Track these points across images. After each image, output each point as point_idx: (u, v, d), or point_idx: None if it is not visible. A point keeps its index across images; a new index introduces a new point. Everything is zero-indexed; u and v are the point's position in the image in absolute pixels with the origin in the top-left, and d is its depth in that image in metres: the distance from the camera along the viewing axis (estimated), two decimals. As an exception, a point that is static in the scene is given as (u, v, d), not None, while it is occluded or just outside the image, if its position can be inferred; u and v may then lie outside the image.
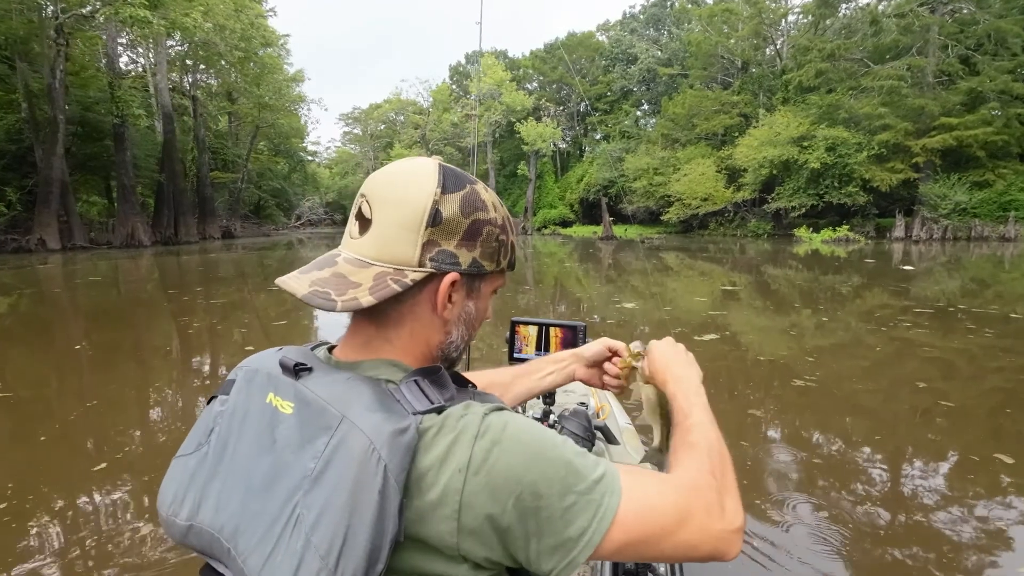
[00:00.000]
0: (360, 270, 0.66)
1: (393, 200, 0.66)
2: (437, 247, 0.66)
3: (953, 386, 4.68)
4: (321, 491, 0.56)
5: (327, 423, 0.59)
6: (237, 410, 0.68)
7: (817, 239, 27.58)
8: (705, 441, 0.75)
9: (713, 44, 39.47)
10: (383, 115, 67.34)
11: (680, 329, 6.28)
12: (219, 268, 16.82)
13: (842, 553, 2.38)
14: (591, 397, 2.02)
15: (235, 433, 0.67)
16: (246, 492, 0.62)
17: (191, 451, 0.70)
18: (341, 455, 0.57)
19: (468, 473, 0.57)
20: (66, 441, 3.64)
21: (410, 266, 0.66)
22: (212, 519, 0.64)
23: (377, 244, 0.66)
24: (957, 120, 26.19)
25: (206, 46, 30.91)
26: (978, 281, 11.75)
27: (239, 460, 0.65)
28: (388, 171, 0.69)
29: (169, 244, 29.15)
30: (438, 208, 0.66)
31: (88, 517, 2.71)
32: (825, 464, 3.27)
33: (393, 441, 0.56)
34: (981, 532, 2.54)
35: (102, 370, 5.46)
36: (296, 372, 0.65)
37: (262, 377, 0.68)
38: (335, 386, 0.63)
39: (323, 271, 0.67)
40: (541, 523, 0.58)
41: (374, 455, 0.55)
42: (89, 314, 8.83)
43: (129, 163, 26.54)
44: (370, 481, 0.55)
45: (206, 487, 0.66)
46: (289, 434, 0.62)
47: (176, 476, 0.69)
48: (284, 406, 0.64)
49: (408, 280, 0.65)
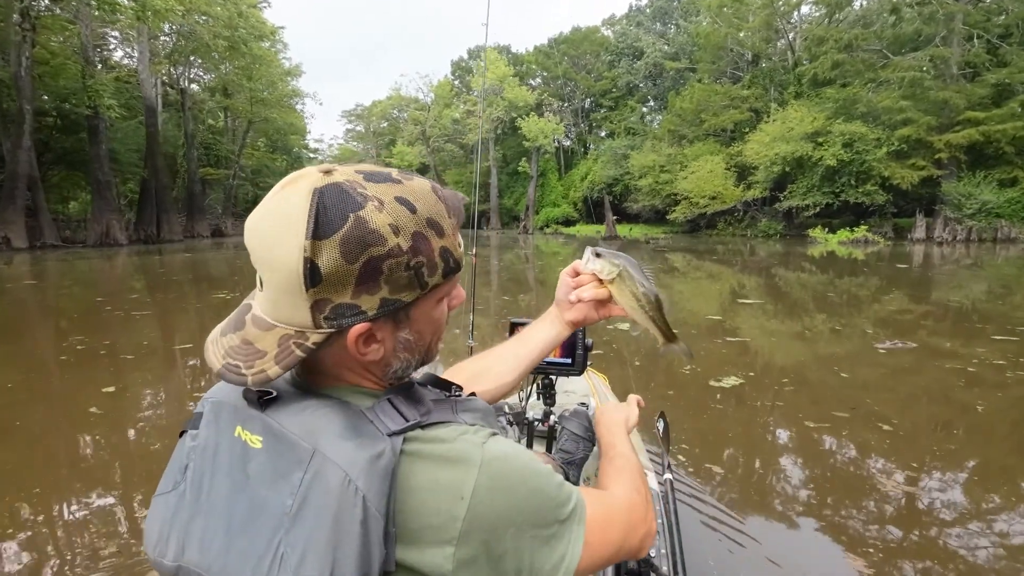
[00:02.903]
0: (265, 334, 0.61)
1: (266, 262, 0.60)
2: (329, 304, 0.59)
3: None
4: (302, 528, 0.55)
5: (299, 457, 0.58)
6: (208, 445, 0.66)
7: (833, 240, 25.95)
8: (629, 465, 0.89)
9: (722, 36, 37.77)
10: (384, 112, 66.08)
11: (689, 369, 4.79)
12: (182, 270, 15.47)
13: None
14: (591, 397, 1.99)
15: (208, 470, 0.65)
16: (228, 531, 0.61)
17: (169, 489, 0.67)
18: (317, 490, 0.56)
19: (472, 502, 0.58)
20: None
21: (308, 328, 0.60)
22: (199, 560, 0.62)
23: (271, 305, 0.61)
24: (984, 114, 24.53)
25: (192, 36, 29.69)
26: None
27: (216, 498, 0.63)
28: (258, 216, 0.61)
29: (149, 243, 27.81)
30: (313, 263, 0.56)
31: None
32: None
33: (370, 469, 0.55)
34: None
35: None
36: (261, 403, 0.62)
37: (228, 409, 0.66)
38: (303, 415, 0.61)
39: (235, 335, 0.63)
40: (533, 554, 0.62)
41: (351, 487, 0.54)
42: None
43: (104, 157, 25.19)
44: (349, 513, 0.54)
45: (188, 526, 0.64)
46: (261, 470, 0.60)
47: (158, 515, 0.67)
48: (253, 440, 0.62)
49: (310, 344, 0.60)
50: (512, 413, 1.60)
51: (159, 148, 30.68)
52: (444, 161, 62.99)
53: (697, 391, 4.22)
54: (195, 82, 40.25)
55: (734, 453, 3.28)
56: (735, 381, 4.41)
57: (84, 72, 23.11)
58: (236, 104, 39.72)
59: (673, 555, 1.41)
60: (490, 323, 7.45)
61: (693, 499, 2.69)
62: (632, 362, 5.16)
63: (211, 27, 27.35)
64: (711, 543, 2.37)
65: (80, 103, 23.31)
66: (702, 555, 2.26)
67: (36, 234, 22.59)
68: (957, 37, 26.31)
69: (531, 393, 1.66)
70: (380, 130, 70.33)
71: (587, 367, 1.45)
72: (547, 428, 1.55)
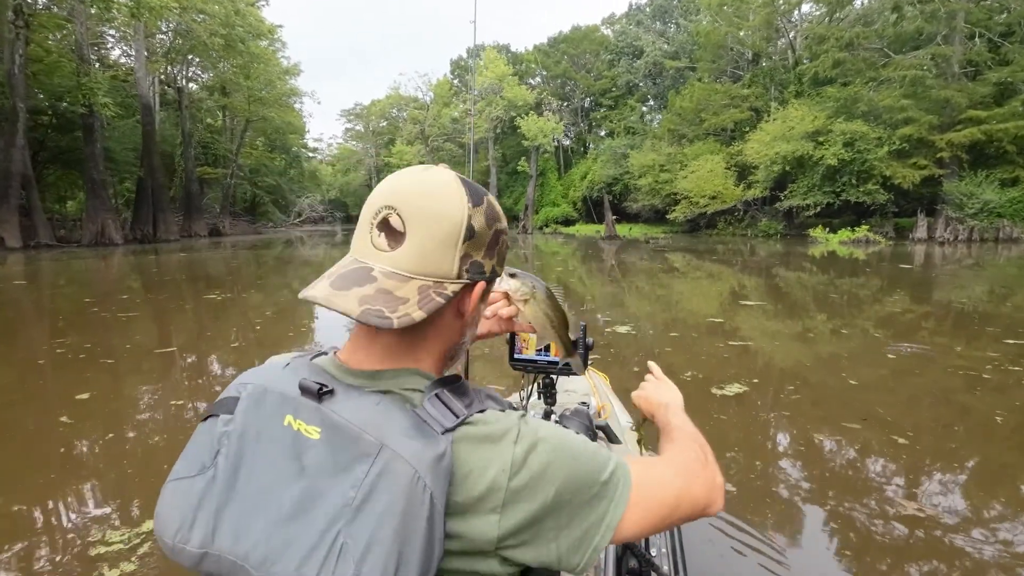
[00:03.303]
0: (403, 284, 0.66)
1: (431, 215, 0.67)
2: (471, 259, 0.70)
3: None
4: (366, 520, 0.57)
5: (364, 450, 0.59)
6: (247, 431, 0.66)
7: (834, 240, 25.75)
8: (684, 434, 0.90)
9: (722, 35, 37.54)
10: (383, 111, 65.86)
11: (691, 373, 4.60)
12: (175, 271, 15.27)
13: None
14: (592, 397, 2.00)
15: (248, 456, 0.64)
16: (273, 519, 0.60)
17: (193, 473, 0.66)
18: (385, 484, 0.57)
19: (511, 472, 0.62)
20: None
21: (449, 278, 0.69)
22: (232, 546, 0.61)
23: (416, 258, 0.67)
24: (986, 113, 24.31)
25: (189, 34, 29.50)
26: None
27: (258, 485, 0.63)
28: (415, 182, 0.70)
29: (145, 242, 27.59)
30: (471, 222, 0.69)
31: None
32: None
33: (435, 468, 0.59)
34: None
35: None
36: (319, 395, 0.64)
37: (274, 397, 0.67)
38: (365, 411, 0.63)
39: (365, 287, 0.66)
40: (572, 514, 0.65)
41: (419, 483, 0.57)
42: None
43: (99, 156, 24.94)
44: (418, 509, 0.57)
45: (221, 512, 0.63)
46: (320, 460, 0.61)
47: (179, 500, 0.65)
48: (309, 431, 0.63)
49: (449, 292, 0.68)
50: None
51: (155, 147, 30.46)
52: (443, 160, 62.44)
53: (699, 400, 4.02)
54: (193, 81, 40.07)
55: (738, 464, 3.08)
56: (738, 388, 4.21)
57: (78, 70, 22.86)
58: (234, 103, 39.52)
59: (673, 554, 1.41)
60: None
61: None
62: (632, 360, 4.97)
63: (207, 25, 27.10)
64: (712, 542, 2.36)
65: (75, 101, 23.07)
66: (703, 554, 2.27)
67: (30, 233, 22.37)
68: (959, 35, 26.09)
69: (532, 392, 1.65)
70: (379, 129, 70.09)
71: (588, 366, 1.46)
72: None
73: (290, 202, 58.29)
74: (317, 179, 71.30)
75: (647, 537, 1.47)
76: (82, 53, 23.37)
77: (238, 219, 44.40)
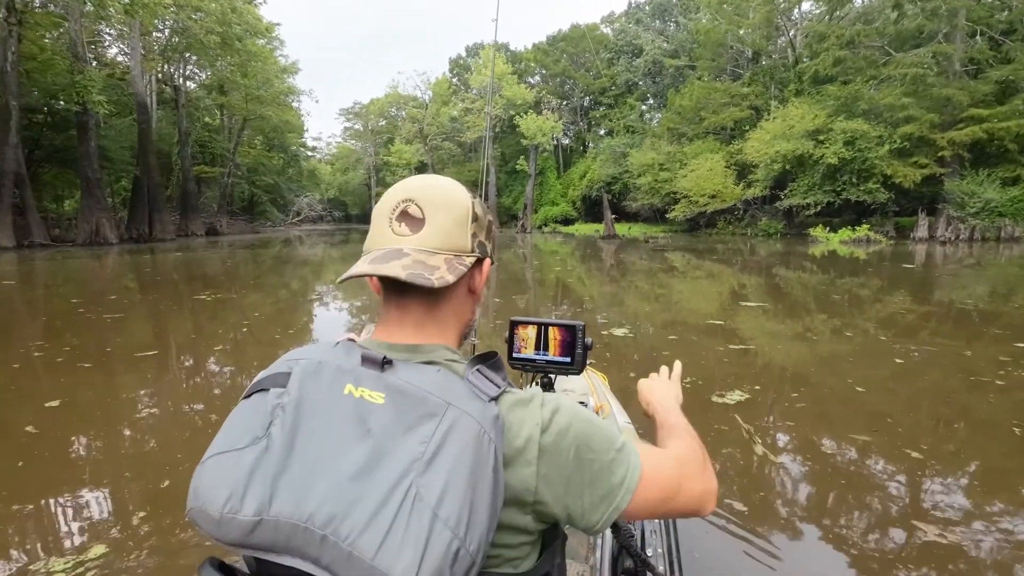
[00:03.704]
0: (431, 256, 0.77)
1: (446, 203, 0.80)
2: (477, 238, 0.83)
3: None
4: (439, 471, 0.61)
5: (430, 410, 0.65)
6: (304, 401, 0.68)
7: (834, 239, 25.55)
8: (683, 431, 0.94)
9: (722, 33, 37.32)
10: (382, 110, 65.58)
11: (690, 379, 4.40)
12: (168, 270, 15.08)
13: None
14: (590, 396, 2.03)
15: (306, 424, 0.67)
16: (337, 480, 0.63)
17: (244, 445, 0.67)
18: (455, 437, 0.64)
19: (542, 428, 0.71)
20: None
21: (465, 252, 0.80)
22: (294, 510, 0.62)
23: (438, 237, 0.78)
24: (987, 111, 24.10)
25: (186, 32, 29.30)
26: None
27: (317, 450, 0.65)
28: (424, 180, 0.82)
29: (140, 242, 27.36)
30: (475, 209, 0.82)
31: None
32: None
33: (495, 425, 0.67)
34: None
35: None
36: (383, 364, 0.71)
37: (330, 369, 0.71)
38: (427, 377, 0.70)
39: (403, 259, 0.75)
40: (594, 473, 0.72)
41: (485, 437, 0.65)
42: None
43: (93, 154, 24.71)
44: (486, 459, 0.64)
45: (276, 480, 0.64)
46: (385, 422, 0.65)
47: (227, 473, 0.65)
48: (374, 396, 0.67)
49: (467, 262, 0.80)
50: None
51: (151, 145, 30.24)
52: (442, 159, 62.54)
53: (699, 409, 3.83)
54: (191, 79, 39.85)
55: (739, 479, 2.89)
56: (740, 396, 4.00)
57: (72, 68, 22.63)
58: (231, 101, 39.29)
59: (669, 554, 1.42)
60: (488, 323, 7.17)
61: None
62: (629, 364, 4.78)
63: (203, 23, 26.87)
64: (709, 543, 2.36)
65: (69, 99, 22.84)
66: (699, 555, 2.26)
67: (24, 233, 22.15)
68: (960, 33, 25.87)
69: None
70: (378, 128, 69.82)
71: (586, 366, 1.47)
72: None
73: (289, 201, 58.06)
74: (316, 178, 71.04)
75: (643, 533, 1.48)
76: (76, 51, 23.14)
77: (236, 218, 44.17)
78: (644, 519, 0.99)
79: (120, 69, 32.99)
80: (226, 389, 4.58)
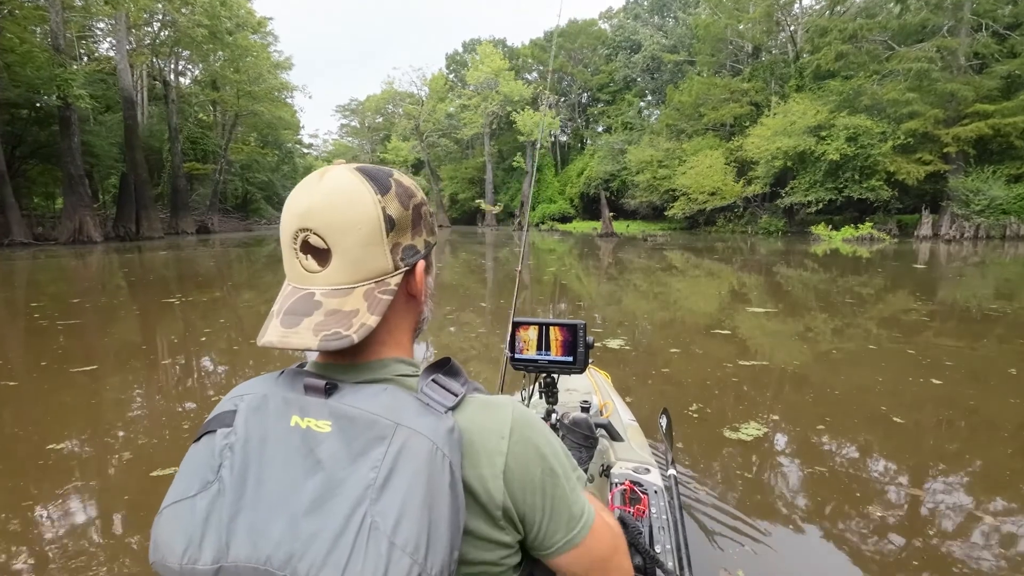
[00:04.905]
0: (347, 297, 0.68)
1: (346, 224, 0.67)
2: (400, 246, 0.72)
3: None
4: (393, 496, 0.59)
5: (379, 433, 0.62)
6: (251, 439, 0.65)
7: (837, 237, 25.01)
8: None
9: (722, 28, 36.68)
10: (378, 106, 64.88)
11: (696, 407, 3.81)
12: (147, 271, 14.50)
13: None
14: (593, 395, 2.03)
15: (255, 462, 0.64)
16: (292, 517, 0.60)
17: (194, 492, 0.64)
18: (407, 458, 0.60)
19: (510, 440, 0.68)
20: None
21: (388, 273, 0.71)
22: (251, 553, 0.60)
23: (349, 269, 0.69)
24: (993, 107, 23.54)
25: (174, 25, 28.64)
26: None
27: (271, 488, 0.62)
28: (318, 197, 0.68)
29: (126, 240, 26.72)
30: (387, 212, 0.69)
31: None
32: None
33: (449, 439, 0.63)
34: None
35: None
36: (327, 391, 0.66)
37: (276, 402, 0.67)
38: (374, 398, 0.65)
39: (314, 316, 0.67)
40: (556, 498, 0.70)
41: (438, 453, 0.61)
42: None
43: (76, 150, 24.04)
44: (441, 478, 0.60)
45: (232, 524, 0.62)
46: (335, 450, 0.62)
47: (182, 522, 0.63)
48: (320, 425, 0.64)
49: (392, 286, 0.71)
50: None
51: (139, 141, 29.57)
52: (439, 156, 61.92)
53: (708, 446, 3.24)
54: (183, 75, 39.19)
55: (761, 538, 2.33)
56: (756, 430, 3.39)
57: (52, 61, 21.95)
58: (224, 97, 38.62)
59: (678, 550, 1.38)
60: (487, 323, 6.78)
61: (699, 495, 2.67)
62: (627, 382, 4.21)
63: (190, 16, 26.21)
64: (716, 539, 2.32)
65: (49, 92, 22.17)
66: (707, 551, 2.22)
67: (5, 231, 21.57)
68: (965, 27, 25.28)
69: (533, 392, 1.64)
70: (375, 125, 69.16)
71: (588, 365, 1.44)
72: (549, 427, 1.53)
73: (283, 198, 57.42)
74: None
75: (651, 530, 1.43)
76: (57, 43, 22.46)
77: (228, 216, 43.53)
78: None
79: (111, 64, 32.33)
80: (167, 416, 3.99)
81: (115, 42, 28.36)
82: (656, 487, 1.58)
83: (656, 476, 1.65)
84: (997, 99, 24.03)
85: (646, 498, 1.50)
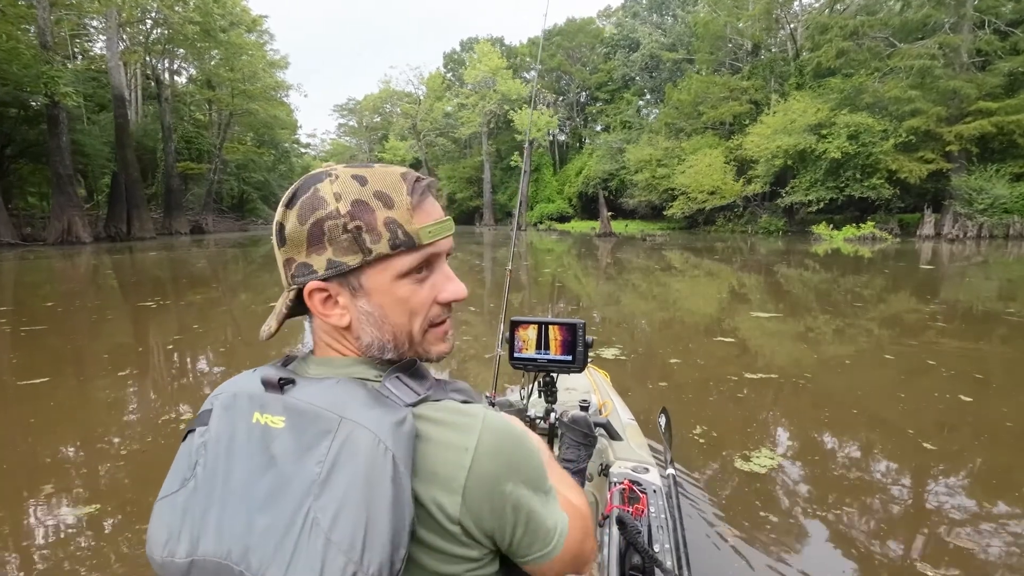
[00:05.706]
0: (281, 296, 0.73)
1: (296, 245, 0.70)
2: (293, 263, 0.69)
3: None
4: (333, 491, 0.58)
5: (325, 427, 0.61)
6: (220, 437, 0.67)
7: (838, 237, 24.65)
8: (574, 483, 0.88)
9: (721, 25, 36.32)
10: (376, 106, 64.46)
11: (701, 430, 3.41)
12: (132, 272, 14.12)
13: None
14: (592, 394, 2.03)
15: (222, 460, 0.65)
16: (248, 512, 0.61)
17: (176, 488, 0.67)
18: (347, 453, 0.59)
19: (476, 454, 0.63)
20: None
21: (288, 286, 0.71)
22: (215, 548, 0.62)
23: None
24: (996, 104, 23.20)
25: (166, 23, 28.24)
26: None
27: (235, 484, 0.64)
28: (288, 217, 0.71)
29: (117, 240, 26.31)
30: (282, 226, 0.69)
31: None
32: None
33: (396, 431, 0.60)
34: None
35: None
36: (281, 386, 0.66)
37: (243, 400, 0.68)
38: (326, 392, 0.64)
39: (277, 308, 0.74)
40: (530, 512, 0.67)
41: (380, 446, 0.58)
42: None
43: (65, 149, 23.62)
44: (381, 471, 0.57)
45: (202, 519, 0.64)
46: (286, 447, 0.62)
47: (165, 517, 0.66)
48: (274, 421, 0.64)
49: (288, 300, 0.71)
50: (514, 411, 1.57)
51: (130, 140, 29.16)
52: (436, 156, 61.54)
53: (721, 479, 2.85)
54: (178, 74, 38.77)
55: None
56: (769, 461, 2.96)
57: (39, 58, 21.52)
58: (219, 96, 38.20)
59: (677, 549, 1.39)
60: (484, 323, 6.56)
61: (696, 495, 2.62)
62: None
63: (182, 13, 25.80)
64: (715, 538, 2.28)
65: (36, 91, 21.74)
66: (706, 550, 2.19)
67: (-10, 232, 21.14)
68: (967, 23, 24.94)
69: (532, 391, 1.62)
70: (373, 124, 68.74)
71: (587, 364, 1.42)
72: (548, 426, 1.55)
73: (279, 198, 57.03)
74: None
75: (650, 529, 1.40)
76: (44, 40, 22.04)
77: (223, 216, 43.10)
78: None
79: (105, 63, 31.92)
80: (123, 433, 3.61)
81: (105, 39, 27.92)
82: (655, 486, 1.57)
83: (655, 475, 1.65)
84: (1000, 96, 23.69)
85: (645, 497, 1.49)
